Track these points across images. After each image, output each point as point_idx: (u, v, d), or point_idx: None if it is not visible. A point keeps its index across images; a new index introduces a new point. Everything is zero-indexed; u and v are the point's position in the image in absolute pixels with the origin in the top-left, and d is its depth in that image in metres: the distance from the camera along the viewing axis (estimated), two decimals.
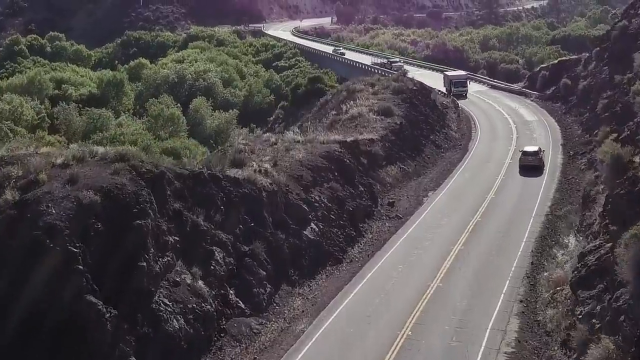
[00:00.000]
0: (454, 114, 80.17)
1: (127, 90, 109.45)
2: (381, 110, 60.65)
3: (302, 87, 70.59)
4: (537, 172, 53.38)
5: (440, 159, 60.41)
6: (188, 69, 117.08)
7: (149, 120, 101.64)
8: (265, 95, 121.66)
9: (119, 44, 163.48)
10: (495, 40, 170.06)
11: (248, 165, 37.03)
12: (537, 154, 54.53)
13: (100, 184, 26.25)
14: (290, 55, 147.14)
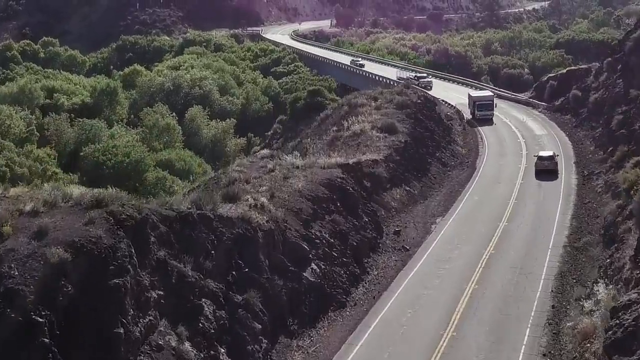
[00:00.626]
0: (459, 126, 77.07)
1: (121, 99, 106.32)
2: (384, 127, 57.51)
3: (301, 101, 67.38)
4: (553, 175, 55.48)
5: (447, 179, 57.25)
6: (184, 76, 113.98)
7: (143, 131, 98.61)
8: (264, 102, 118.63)
9: (114, 48, 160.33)
10: (497, 45, 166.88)
11: (242, 199, 33.84)
12: (552, 159, 57.42)
13: (71, 237, 23.08)
14: (289, 60, 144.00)
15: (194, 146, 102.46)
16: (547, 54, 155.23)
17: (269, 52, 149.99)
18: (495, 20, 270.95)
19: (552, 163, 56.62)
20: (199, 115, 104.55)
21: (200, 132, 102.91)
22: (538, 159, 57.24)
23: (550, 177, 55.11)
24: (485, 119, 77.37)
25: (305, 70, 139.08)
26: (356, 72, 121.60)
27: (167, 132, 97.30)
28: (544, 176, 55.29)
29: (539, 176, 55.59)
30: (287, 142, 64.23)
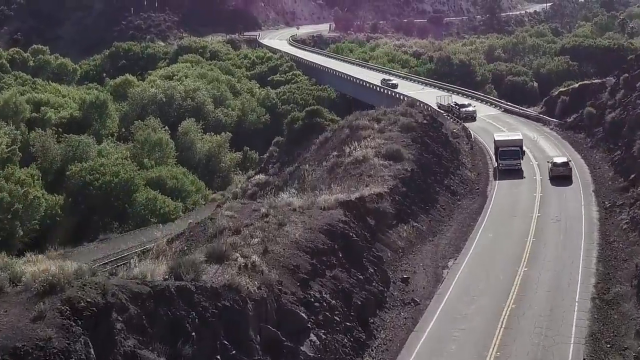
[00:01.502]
0: (467, 145, 72.73)
1: (111, 112, 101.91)
2: (389, 154, 53.14)
3: (299, 122, 63.03)
4: (567, 181, 57.88)
5: (456, 210, 52.87)
6: (177, 87, 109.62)
7: (134, 146, 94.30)
8: (261, 114, 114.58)
9: (107, 55, 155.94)
10: (500, 51, 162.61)
11: (231, 258, 29.43)
12: (567, 165, 59.84)
13: (14, 341, 18.67)
14: (286, 68, 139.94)
15: (188, 161, 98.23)
16: (551, 60, 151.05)
17: (266, 59, 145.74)
18: (497, 24, 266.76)
19: (567, 169, 59.31)
20: (192, 128, 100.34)
21: (194, 147, 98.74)
22: (553, 165, 59.68)
23: (565, 182, 57.66)
24: (511, 169, 60.06)
25: (304, 79, 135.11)
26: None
27: (159, 148, 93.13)
28: (559, 182, 57.78)
29: (554, 181, 58.04)
30: (283, 167, 59.88)
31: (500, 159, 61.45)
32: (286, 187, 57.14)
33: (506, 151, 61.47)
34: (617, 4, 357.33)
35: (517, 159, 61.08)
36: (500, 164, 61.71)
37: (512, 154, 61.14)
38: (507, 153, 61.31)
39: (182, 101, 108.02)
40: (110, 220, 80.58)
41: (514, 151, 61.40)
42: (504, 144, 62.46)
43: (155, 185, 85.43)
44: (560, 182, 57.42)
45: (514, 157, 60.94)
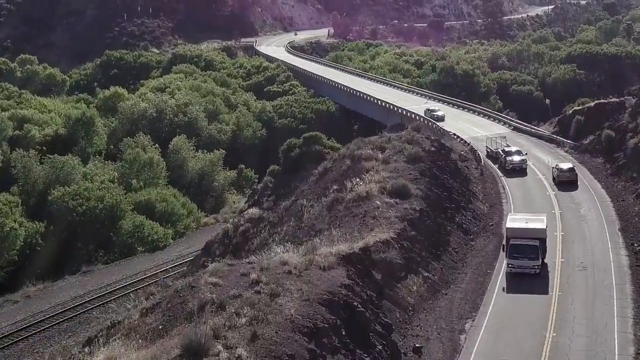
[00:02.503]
0: (476, 169, 67.69)
1: (99, 129, 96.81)
2: (395, 190, 48.08)
3: (295, 149, 58.03)
4: (573, 186, 60.03)
5: (470, 253, 47.77)
6: (168, 101, 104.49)
7: (122, 166, 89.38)
8: (256, 129, 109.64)
9: (99, 64, 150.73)
10: (504, 59, 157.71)
11: (211, 353, 24.36)
12: (573, 170, 61.78)
13: None
14: (283, 79, 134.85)
15: (179, 181, 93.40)
16: (557, 69, 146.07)
17: (263, 69, 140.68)
18: (499, 28, 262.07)
19: (573, 174, 61.32)
20: (184, 146, 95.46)
21: (186, 166, 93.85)
22: (560, 172, 61.58)
23: (572, 187, 59.87)
24: (524, 272, 42.22)
25: (302, 90, 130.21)
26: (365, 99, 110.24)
27: (149, 168, 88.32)
28: (566, 187, 59.88)
29: (560, 187, 60.12)
30: (279, 200, 54.83)
31: (510, 257, 42.06)
32: (282, 224, 52.19)
33: (521, 247, 42.11)
34: (620, 6, 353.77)
35: (536, 258, 41.87)
36: (510, 265, 42.37)
37: (528, 250, 41.81)
38: (522, 250, 41.97)
39: (173, 116, 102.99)
40: (95, 248, 75.85)
41: (531, 247, 41.99)
42: (519, 234, 43.00)
43: (144, 210, 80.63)
44: (568, 188, 59.71)
45: (531, 256, 41.77)
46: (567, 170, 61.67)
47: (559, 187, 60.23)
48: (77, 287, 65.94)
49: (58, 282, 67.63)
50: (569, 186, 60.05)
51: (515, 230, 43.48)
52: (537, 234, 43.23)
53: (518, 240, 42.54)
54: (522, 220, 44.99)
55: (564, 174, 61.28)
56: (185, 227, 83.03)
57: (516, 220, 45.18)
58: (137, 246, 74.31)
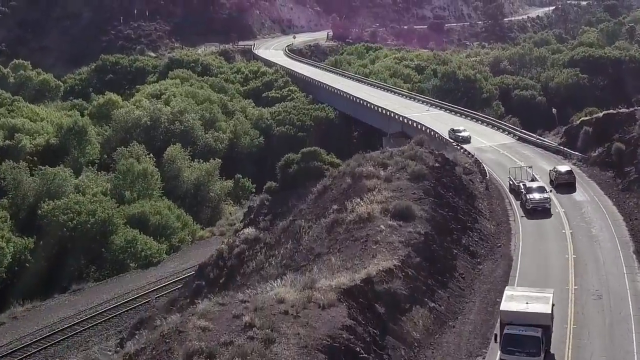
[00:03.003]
0: (481, 183, 65.12)
1: (91, 138, 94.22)
2: (398, 212, 45.52)
3: (294, 166, 55.46)
4: (572, 188, 60.78)
5: (478, 279, 45.19)
6: (163, 109, 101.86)
7: (116, 177, 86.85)
8: (254, 137, 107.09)
9: (94, 69, 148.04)
10: (506, 62, 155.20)
11: None
12: (571, 173, 62.60)
13: None
14: (281, 84, 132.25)
15: (174, 191, 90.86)
16: (560, 73, 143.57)
17: (261, 74, 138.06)
18: (499, 30, 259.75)
19: (571, 177, 62.02)
20: (179, 155, 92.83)
21: (181, 176, 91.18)
22: (558, 174, 62.28)
23: (570, 189, 60.55)
24: None
25: (300, 96, 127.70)
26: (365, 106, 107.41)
27: (143, 179, 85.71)
28: (564, 189, 60.57)
29: (558, 189, 60.50)
30: (276, 220, 52.23)
31: (504, 350, 32.84)
32: (279, 245, 49.66)
33: (518, 337, 32.87)
34: (621, 7, 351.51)
35: (536, 353, 32.47)
36: None
37: (528, 343, 32.54)
38: (520, 342, 32.67)
39: (169, 124, 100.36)
40: (86, 264, 73.36)
41: (531, 338, 32.66)
42: (516, 319, 33.91)
43: (137, 223, 78.15)
44: (566, 190, 60.36)
45: (531, 350, 32.46)
46: (565, 173, 62.30)
47: (558, 190, 60.64)
48: (66, 306, 63.45)
49: (47, 301, 65.12)
50: (568, 188, 60.74)
51: (512, 315, 34.15)
52: (540, 320, 33.79)
53: (515, 328, 33.27)
54: (522, 300, 35.33)
55: (562, 177, 62.01)
56: (180, 241, 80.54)
57: (513, 299, 35.59)
58: (130, 262, 71.80)
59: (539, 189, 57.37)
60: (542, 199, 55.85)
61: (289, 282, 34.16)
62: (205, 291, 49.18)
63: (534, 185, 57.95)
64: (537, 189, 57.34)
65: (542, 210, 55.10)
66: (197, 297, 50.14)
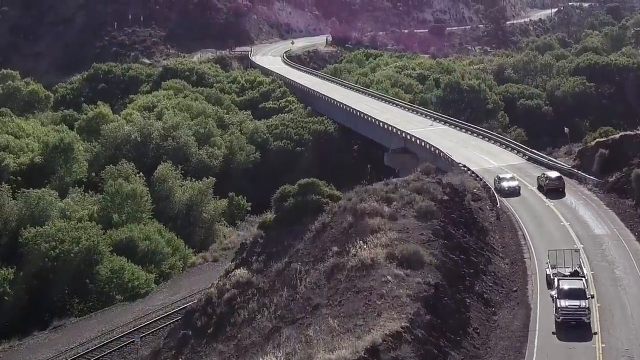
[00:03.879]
0: (491, 211, 60.81)
1: (78, 156, 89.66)
2: (405, 258, 41.11)
3: (290, 199, 50.98)
4: (561, 194, 63.67)
5: (494, 333, 40.71)
6: (155, 124, 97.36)
7: (104, 198, 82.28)
8: (250, 152, 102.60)
9: (86, 78, 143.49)
10: (510, 70, 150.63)
11: None
12: (561, 179, 65.47)
13: None
14: (279, 94, 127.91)
15: (165, 212, 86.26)
16: (566, 81, 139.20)
17: (257, 84, 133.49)
18: (502, 35, 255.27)
19: (561, 183, 65.07)
20: (170, 174, 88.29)
21: (173, 196, 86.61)
22: (548, 180, 65.11)
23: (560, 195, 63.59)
24: None
25: (299, 107, 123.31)
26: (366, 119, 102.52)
27: (133, 200, 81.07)
28: (554, 194, 63.59)
29: (549, 195, 63.65)
30: (270, 261, 47.73)
31: None
32: (273, 292, 45.19)
33: None
34: (623, 9, 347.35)
35: None
36: None
37: None
38: None
39: (161, 140, 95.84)
40: (70, 295, 68.84)
41: None
42: None
43: (124, 249, 73.57)
44: (556, 196, 63.30)
45: None
46: (555, 179, 65.35)
47: (548, 196, 63.76)
48: (46, 347, 59.02)
49: (25, 340, 60.66)
50: (557, 194, 63.81)
51: None
52: None
53: None
54: None
55: (553, 182, 64.89)
56: (171, 267, 76.02)
57: None
58: (116, 294, 67.29)
59: (576, 292, 40.94)
60: (578, 308, 39.98)
61: (283, 357, 29.67)
62: (192, 342, 44.80)
63: (576, 283, 42.21)
64: (575, 280, 42.84)
65: (578, 324, 39.80)
66: (183, 348, 45.83)
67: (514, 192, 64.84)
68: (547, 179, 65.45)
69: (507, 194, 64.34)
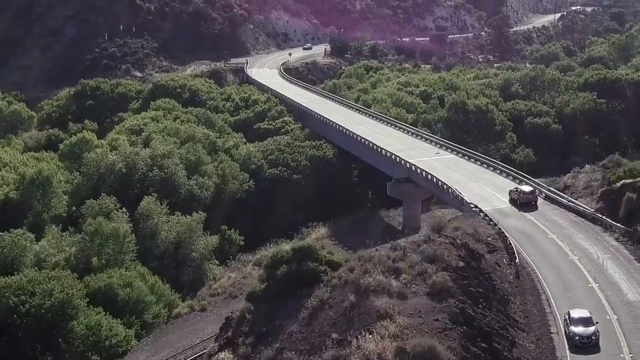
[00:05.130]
0: (509, 266, 54.41)
1: (57, 189, 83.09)
2: (419, 356, 34.56)
3: (282, 267, 44.39)
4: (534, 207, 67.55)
5: None
6: (141, 153, 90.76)
7: (82, 238, 75.73)
8: (243, 181, 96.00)
9: (73, 94, 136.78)
10: (517, 85, 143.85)
11: None
12: (534, 193, 69.94)
13: None
14: (275, 114, 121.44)
15: (150, 251, 79.67)
16: (575, 97, 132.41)
17: (252, 102, 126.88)
18: (505, 44, 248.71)
19: (534, 197, 69.48)
20: (156, 210, 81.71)
21: (159, 234, 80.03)
22: (522, 194, 69.44)
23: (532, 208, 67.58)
24: None
25: (296, 128, 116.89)
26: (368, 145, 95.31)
27: (114, 241, 74.49)
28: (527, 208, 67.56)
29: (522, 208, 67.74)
30: (259, 345, 41.13)
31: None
32: None
33: None
34: (628, 14, 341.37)
35: None
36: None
37: None
38: None
39: (147, 170, 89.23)
40: (42, 353, 62.11)
41: None
42: None
43: (103, 299, 66.99)
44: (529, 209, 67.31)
45: None
46: (529, 193, 69.75)
47: (521, 209, 67.51)
48: None
49: None
50: (530, 207, 67.75)
51: None
52: None
53: None
54: None
55: (526, 196, 69.20)
56: (155, 317, 69.42)
57: None
58: (91, 354, 60.67)
59: None
60: None
61: None
62: None
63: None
64: None
65: None
66: None
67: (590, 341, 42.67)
68: (521, 192, 69.74)
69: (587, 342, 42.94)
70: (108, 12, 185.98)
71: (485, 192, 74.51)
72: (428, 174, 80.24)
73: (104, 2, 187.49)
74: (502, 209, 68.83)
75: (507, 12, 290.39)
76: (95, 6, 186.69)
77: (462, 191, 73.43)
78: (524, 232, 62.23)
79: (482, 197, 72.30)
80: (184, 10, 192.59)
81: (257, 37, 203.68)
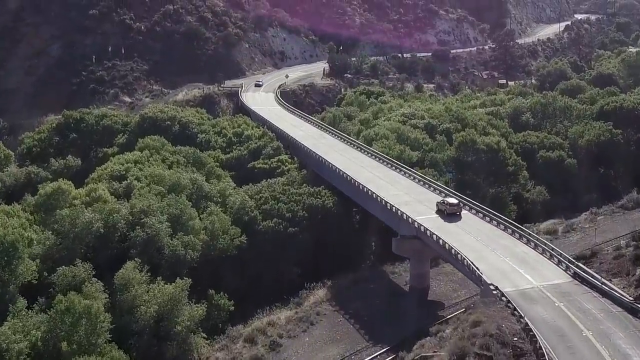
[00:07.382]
0: None
1: (24, 254, 74.44)
2: None
3: None
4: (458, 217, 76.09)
5: None
6: (122, 211, 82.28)
7: (51, 318, 67.16)
8: (234, 235, 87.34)
9: (55, 127, 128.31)
10: (528, 114, 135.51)
11: None
12: (459, 205, 78.69)
13: None
14: (270, 151, 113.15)
15: (129, 326, 71.17)
16: (590, 127, 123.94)
17: (246, 138, 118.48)
18: (510, 59, 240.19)
19: (459, 208, 77.87)
20: (135, 278, 73.27)
21: (138, 308, 71.44)
22: (449, 206, 77.83)
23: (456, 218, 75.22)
24: None
25: (292, 168, 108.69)
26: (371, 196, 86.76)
27: (87, 321, 65.97)
28: (452, 218, 75.57)
29: (447, 218, 76.35)
30: None
31: None
32: None
33: None
34: (633, 23, 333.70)
35: None
36: None
37: None
38: None
39: (128, 230, 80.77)
40: None
41: None
42: None
43: None
44: (454, 219, 74.78)
45: None
46: (455, 205, 77.83)
47: (446, 219, 75.76)
48: None
49: None
50: (455, 217, 75.65)
51: None
52: None
53: None
54: None
55: (452, 208, 77.48)
56: None
57: None
58: None
59: None
60: None
61: None
62: None
63: None
64: None
65: None
66: None
67: None
68: (448, 204, 78.10)
69: None
70: (96, 33, 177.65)
71: (506, 265, 65.99)
72: (439, 239, 71.92)
73: (92, 21, 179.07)
74: (527, 291, 60.21)
75: (510, 24, 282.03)
76: (82, 26, 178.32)
77: (478, 263, 65.07)
78: (554, 328, 53.57)
79: (503, 272, 63.91)
80: (176, 30, 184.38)
81: (252, 56, 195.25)
